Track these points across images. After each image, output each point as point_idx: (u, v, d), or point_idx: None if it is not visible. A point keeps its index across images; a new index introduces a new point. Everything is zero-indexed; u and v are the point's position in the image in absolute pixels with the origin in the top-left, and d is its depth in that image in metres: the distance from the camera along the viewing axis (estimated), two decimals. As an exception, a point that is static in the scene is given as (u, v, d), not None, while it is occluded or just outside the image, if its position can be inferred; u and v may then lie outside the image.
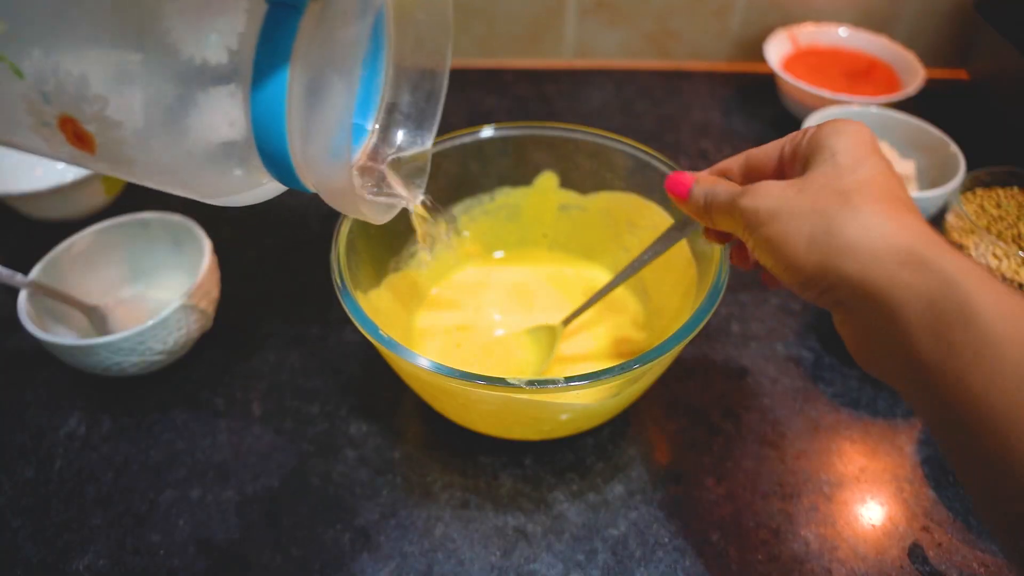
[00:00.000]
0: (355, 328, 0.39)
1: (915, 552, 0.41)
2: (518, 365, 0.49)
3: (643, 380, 0.41)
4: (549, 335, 0.49)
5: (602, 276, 0.55)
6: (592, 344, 0.50)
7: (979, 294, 0.24)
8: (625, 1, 0.83)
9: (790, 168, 0.33)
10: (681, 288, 0.46)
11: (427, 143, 0.40)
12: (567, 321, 0.49)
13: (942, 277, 0.25)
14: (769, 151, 0.34)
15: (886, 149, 0.64)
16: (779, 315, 0.56)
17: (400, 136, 0.39)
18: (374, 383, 0.51)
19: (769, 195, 0.31)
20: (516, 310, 0.53)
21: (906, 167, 0.61)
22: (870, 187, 0.28)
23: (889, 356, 0.28)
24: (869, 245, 0.27)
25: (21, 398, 0.51)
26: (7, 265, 0.48)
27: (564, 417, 0.42)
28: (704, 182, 0.35)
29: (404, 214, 0.52)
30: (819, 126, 0.32)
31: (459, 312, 0.53)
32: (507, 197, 0.55)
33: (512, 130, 0.52)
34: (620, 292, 0.53)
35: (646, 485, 0.45)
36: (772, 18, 0.83)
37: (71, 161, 0.32)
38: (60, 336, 0.49)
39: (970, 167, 0.59)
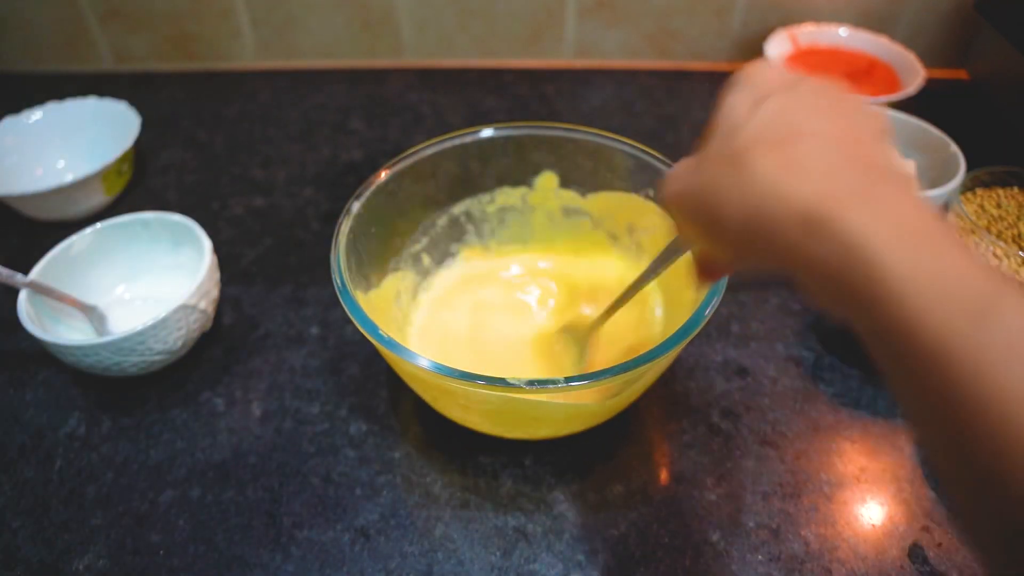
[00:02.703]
0: (355, 328, 0.39)
1: (915, 552, 0.41)
2: (551, 366, 0.48)
3: (643, 380, 0.41)
4: (578, 337, 0.48)
5: (602, 275, 0.55)
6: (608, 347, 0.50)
7: (885, 255, 0.20)
8: (625, 1, 0.83)
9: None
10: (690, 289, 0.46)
11: None
12: (594, 327, 0.47)
13: (842, 242, 0.21)
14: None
15: (886, 149, 0.64)
16: (779, 315, 0.56)
17: None
18: (374, 383, 0.51)
19: (674, 178, 0.28)
20: (518, 310, 0.53)
21: (906, 167, 0.61)
22: (762, 138, 0.24)
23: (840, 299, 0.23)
24: (767, 217, 0.23)
25: (21, 398, 0.51)
26: (7, 265, 0.48)
27: (564, 417, 0.42)
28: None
29: (405, 215, 0.52)
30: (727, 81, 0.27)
31: (461, 312, 0.53)
32: (507, 197, 0.55)
33: (512, 130, 0.52)
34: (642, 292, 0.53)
35: (646, 485, 0.45)
36: (772, 18, 0.83)
37: None
38: (60, 336, 0.49)
39: (970, 167, 0.59)
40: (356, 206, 0.46)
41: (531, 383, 0.34)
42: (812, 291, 0.23)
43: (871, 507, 0.44)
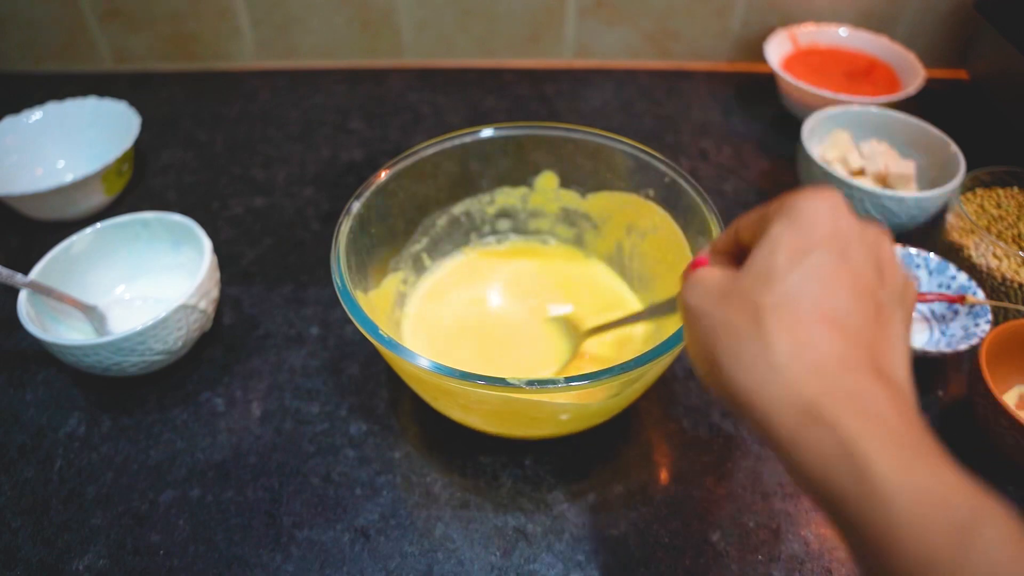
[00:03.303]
0: (355, 328, 0.39)
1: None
2: (539, 357, 0.49)
3: (643, 380, 0.41)
4: (570, 331, 0.48)
5: (601, 273, 0.55)
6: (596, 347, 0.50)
7: (879, 460, 0.21)
8: (625, 1, 0.83)
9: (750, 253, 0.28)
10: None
11: None
12: (591, 332, 0.47)
13: (836, 438, 0.21)
14: (749, 220, 0.28)
15: (886, 149, 0.64)
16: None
17: None
18: (374, 383, 0.51)
19: (694, 293, 0.27)
20: (517, 301, 0.53)
21: (906, 167, 0.61)
22: (792, 306, 0.24)
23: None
24: (770, 392, 0.23)
25: (21, 398, 0.51)
26: (7, 265, 0.48)
27: (564, 417, 0.42)
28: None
29: (405, 215, 0.52)
30: (782, 199, 0.26)
31: (458, 306, 0.53)
32: (507, 197, 0.55)
33: (512, 130, 0.52)
34: (629, 298, 0.54)
35: (646, 485, 0.45)
36: (772, 18, 0.83)
37: None
38: (60, 336, 0.49)
39: (970, 167, 0.59)
40: (356, 206, 0.46)
41: (531, 383, 0.34)
42: (795, 476, 0.23)
43: (871, 507, 0.44)
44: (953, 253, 0.56)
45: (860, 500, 0.21)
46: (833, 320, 0.24)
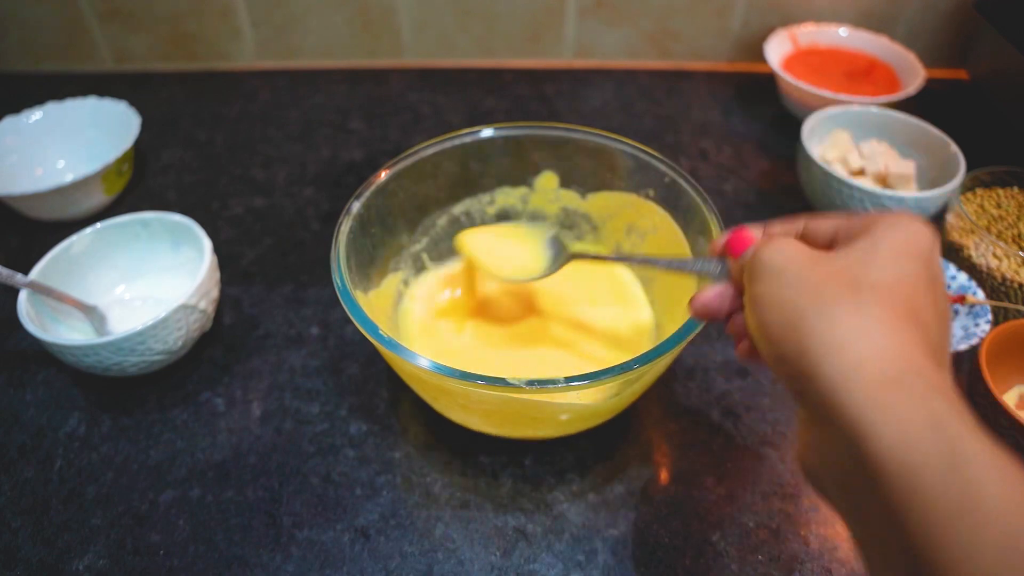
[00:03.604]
0: (355, 328, 0.39)
1: (915, 552, 0.41)
2: (517, 261, 0.48)
3: (643, 380, 0.41)
4: (557, 248, 0.47)
5: (600, 275, 0.55)
6: (598, 346, 0.50)
7: (983, 466, 0.21)
8: (625, 1, 0.83)
9: (841, 245, 0.29)
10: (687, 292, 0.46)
11: None
12: (576, 256, 0.46)
13: (930, 410, 0.22)
14: (826, 224, 0.30)
15: (886, 149, 0.64)
16: (779, 315, 0.56)
17: None
18: (374, 383, 0.51)
19: (782, 252, 0.27)
20: (517, 300, 0.53)
21: (906, 167, 0.61)
22: (892, 290, 0.25)
23: (843, 480, 0.24)
24: (856, 352, 0.23)
25: (21, 398, 0.51)
26: (7, 265, 0.48)
27: (564, 417, 0.42)
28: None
29: (405, 215, 0.52)
30: (883, 214, 0.28)
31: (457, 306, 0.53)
32: (507, 197, 0.55)
33: (512, 130, 0.52)
34: (636, 293, 0.53)
35: (646, 485, 0.45)
36: (772, 18, 0.83)
37: None
38: (60, 336, 0.49)
39: (970, 167, 0.59)
40: (356, 206, 0.46)
41: (531, 383, 0.34)
42: (809, 438, 0.25)
43: (871, 507, 0.44)
44: (953, 253, 0.56)
45: (946, 472, 0.21)
46: (920, 324, 0.25)
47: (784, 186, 0.69)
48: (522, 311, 0.53)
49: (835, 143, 0.65)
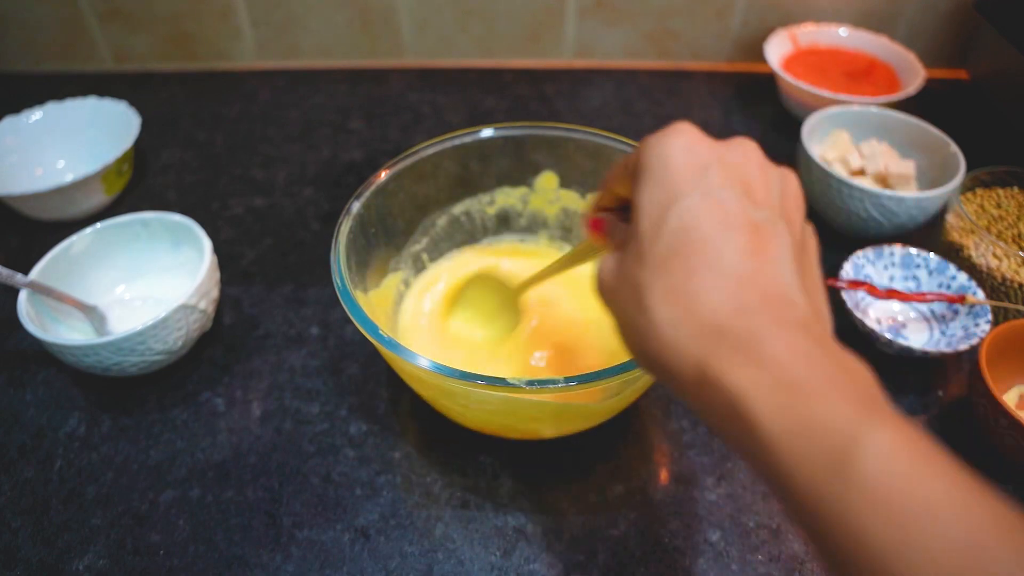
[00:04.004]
0: (355, 328, 0.39)
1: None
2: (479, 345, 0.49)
3: (643, 380, 0.41)
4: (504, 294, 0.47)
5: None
6: (598, 346, 0.50)
7: (760, 410, 0.21)
8: (625, 1, 0.83)
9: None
10: None
11: None
12: (524, 287, 0.46)
13: (726, 398, 0.22)
14: (616, 176, 0.29)
15: (886, 149, 0.64)
16: (779, 315, 0.56)
17: None
18: (374, 383, 0.51)
19: (597, 284, 0.28)
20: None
21: (906, 167, 0.61)
22: (657, 282, 0.24)
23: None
24: (667, 365, 0.24)
25: (21, 398, 0.51)
26: (7, 265, 0.48)
27: (564, 417, 0.42)
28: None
29: (405, 215, 0.52)
30: (640, 150, 0.26)
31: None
32: (507, 197, 0.55)
33: (512, 130, 0.52)
34: None
35: (646, 485, 0.45)
36: (772, 18, 0.83)
37: None
38: (60, 336, 0.49)
39: (970, 167, 0.59)
40: (356, 206, 0.46)
41: (531, 383, 0.34)
42: (711, 429, 0.24)
43: (871, 507, 0.44)
44: (953, 253, 0.56)
45: (752, 452, 0.21)
46: (709, 270, 0.23)
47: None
48: (522, 312, 0.53)
49: (835, 143, 0.65)
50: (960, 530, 0.18)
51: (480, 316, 0.50)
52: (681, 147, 0.25)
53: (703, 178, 0.25)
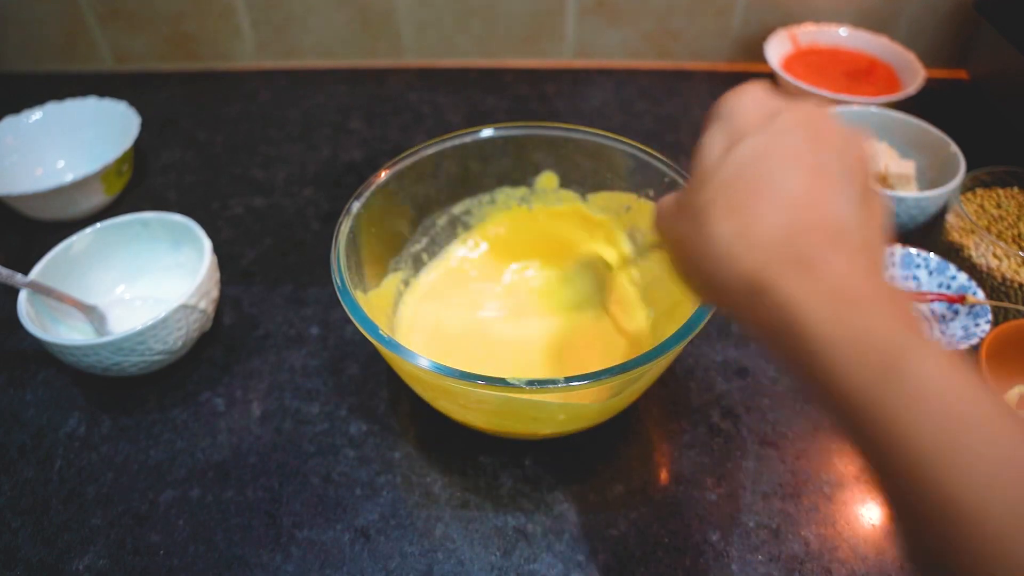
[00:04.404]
0: (355, 328, 0.39)
1: (915, 552, 0.41)
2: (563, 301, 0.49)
3: (643, 380, 0.41)
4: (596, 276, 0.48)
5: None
6: (598, 346, 0.50)
7: (814, 319, 0.22)
8: (625, 1, 0.83)
9: None
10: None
11: None
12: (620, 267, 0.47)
13: (778, 309, 0.23)
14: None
15: (886, 149, 0.64)
16: (779, 315, 0.56)
17: None
18: (374, 383, 0.51)
19: (656, 222, 0.30)
20: (515, 300, 0.53)
21: (906, 167, 0.61)
22: (725, 195, 0.25)
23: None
24: (722, 279, 0.25)
25: (21, 398, 0.51)
26: (7, 265, 0.48)
27: (564, 417, 0.42)
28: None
29: (405, 215, 0.52)
30: (716, 104, 0.29)
31: (457, 306, 0.53)
32: (507, 197, 0.55)
33: (512, 130, 0.52)
34: (636, 294, 0.53)
35: (646, 485, 0.45)
36: (772, 18, 0.83)
37: None
38: (60, 336, 0.49)
39: (970, 167, 0.59)
40: (356, 206, 0.46)
41: (531, 383, 0.34)
42: (761, 342, 0.25)
43: (871, 507, 0.44)
44: (953, 253, 0.56)
45: (803, 362, 0.22)
46: (772, 194, 0.24)
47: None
48: (523, 312, 0.53)
49: (835, 143, 0.65)
50: (1003, 441, 0.19)
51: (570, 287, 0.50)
52: (752, 97, 0.27)
53: (771, 122, 0.26)
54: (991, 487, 0.18)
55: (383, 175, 0.48)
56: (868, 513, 0.43)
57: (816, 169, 0.25)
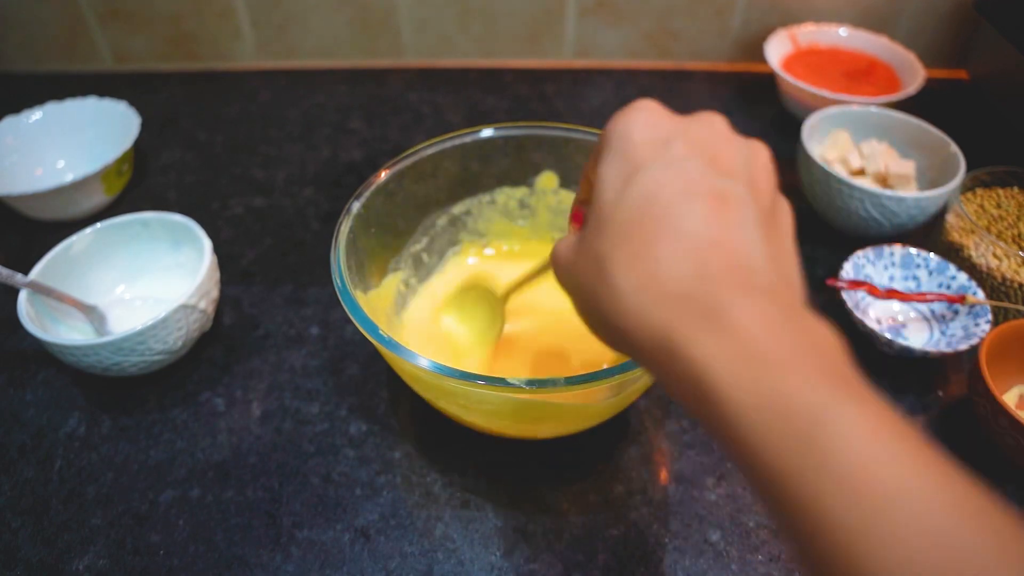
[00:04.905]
0: (355, 328, 0.39)
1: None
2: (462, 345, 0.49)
3: (643, 380, 0.41)
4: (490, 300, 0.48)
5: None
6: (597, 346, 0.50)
7: (725, 383, 0.20)
8: (625, 1, 0.83)
9: None
10: None
11: None
12: (509, 292, 0.46)
13: (691, 370, 0.21)
14: (592, 165, 0.28)
15: (886, 149, 0.64)
16: (779, 315, 0.56)
17: None
18: (374, 383, 0.51)
19: (557, 263, 0.27)
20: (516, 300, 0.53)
21: (906, 167, 0.61)
22: (621, 246, 0.23)
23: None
24: (633, 337, 0.23)
25: (21, 398, 0.51)
26: (7, 265, 0.48)
27: (564, 417, 0.42)
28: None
29: (405, 215, 0.52)
30: (604, 130, 0.26)
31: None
32: (507, 197, 0.55)
33: (512, 130, 0.52)
34: None
35: (646, 485, 0.45)
36: (772, 18, 0.83)
37: None
38: (60, 336, 0.49)
39: (970, 167, 0.59)
40: (356, 206, 0.46)
41: (531, 383, 0.34)
42: (676, 401, 0.23)
43: (871, 507, 0.44)
44: (953, 253, 0.56)
45: (718, 426, 0.20)
46: (672, 237, 0.22)
47: (784, 186, 0.69)
48: (522, 312, 0.53)
49: (835, 143, 0.65)
50: (927, 514, 0.17)
51: (469, 321, 0.50)
52: (643, 122, 0.25)
53: (666, 150, 0.24)
54: (910, 569, 0.17)
55: (383, 175, 0.48)
56: (868, 513, 0.43)
57: (717, 198, 0.23)
